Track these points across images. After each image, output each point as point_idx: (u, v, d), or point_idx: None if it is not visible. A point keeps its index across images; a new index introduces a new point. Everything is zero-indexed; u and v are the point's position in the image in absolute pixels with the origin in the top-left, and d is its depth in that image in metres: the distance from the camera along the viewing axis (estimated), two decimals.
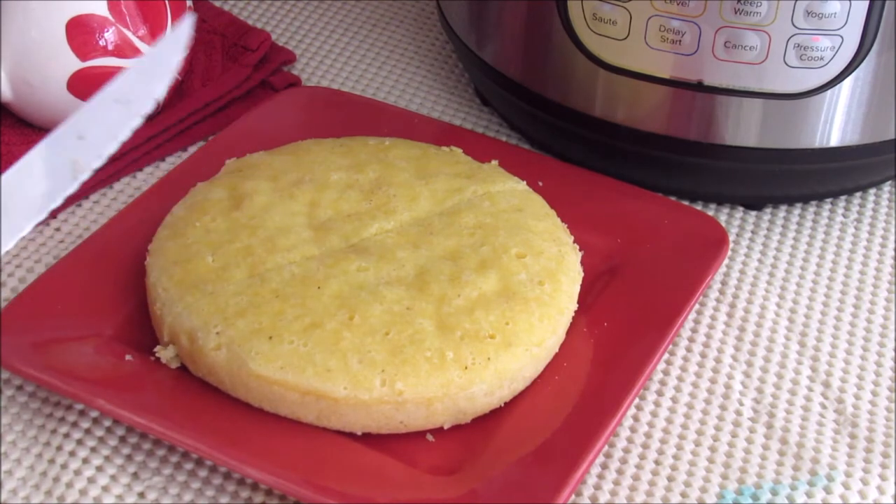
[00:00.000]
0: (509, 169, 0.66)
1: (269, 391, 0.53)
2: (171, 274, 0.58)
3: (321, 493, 0.50)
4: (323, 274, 0.57)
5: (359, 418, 0.53)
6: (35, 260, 0.65)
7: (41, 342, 0.56)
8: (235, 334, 0.54)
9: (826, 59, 0.61)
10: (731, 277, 0.66)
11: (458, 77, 0.81)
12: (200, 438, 0.52)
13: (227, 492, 0.54)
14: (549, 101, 0.68)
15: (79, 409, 0.57)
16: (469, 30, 0.72)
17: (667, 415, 0.58)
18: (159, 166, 0.72)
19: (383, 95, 0.79)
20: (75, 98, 0.68)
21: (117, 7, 0.68)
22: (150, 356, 0.57)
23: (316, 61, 0.82)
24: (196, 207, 0.62)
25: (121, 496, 0.53)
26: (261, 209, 0.61)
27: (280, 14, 0.86)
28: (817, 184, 0.70)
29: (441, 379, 0.53)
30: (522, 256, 0.59)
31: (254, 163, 0.65)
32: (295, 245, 0.59)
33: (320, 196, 0.62)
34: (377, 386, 0.53)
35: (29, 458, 0.55)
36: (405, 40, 0.85)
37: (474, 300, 0.56)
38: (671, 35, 0.61)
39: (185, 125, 0.74)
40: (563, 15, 0.64)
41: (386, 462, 0.53)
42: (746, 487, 0.55)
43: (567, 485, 0.51)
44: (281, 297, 0.56)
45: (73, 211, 0.69)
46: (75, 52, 0.67)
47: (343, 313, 0.55)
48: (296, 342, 0.54)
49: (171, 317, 0.56)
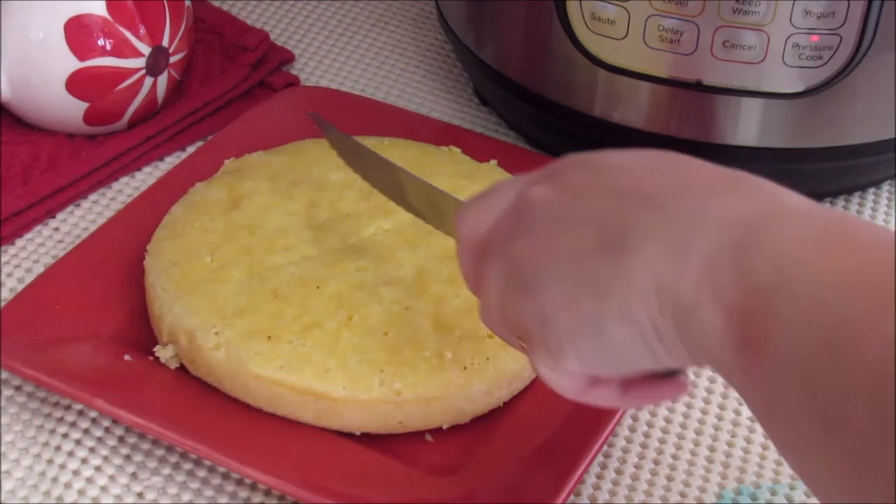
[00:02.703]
0: (508, 168, 0.66)
1: (267, 391, 0.53)
2: (170, 274, 0.57)
3: (320, 493, 0.50)
4: (322, 274, 0.57)
5: (357, 418, 0.53)
6: (34, 260, 0.65)
7: (40, 342, 0.56)
8: (234, 334, 0.54)
9: (825, 58, 0.61)
10: None
11: (456, 77, 0.81)
12: (199, 438, 0.52)
13: (226, 492, 0.54)
14: (547, 100, 0.68)
15: (77, 408, 0.57)
16: (468, 29, 0.72)
17: (665, 414, 0.58)
18: (158, 166, 0.72)
19: (382, 95, 0.79)
20: (74, 98, 0.68)
21: (116, 7, 0.68)
22: (148, 356, 0.57)
23: (315, 61, 0.82)
24: (195, 208, 0.61)
25: (119, 496, 0.53)
26: (259, 209, 0.61)
27: (279, 14, 0.86)
28: (817, 183, 0.70)
29: (440, 379, 0.53)
30: None
31: (252, 163, 0.65)
32: (294, 245, 0.59)
33: (319, 196, 0.62)
34: (376, 386, 0.53)
35: (27, 457, 0.55)
36: (404, 40, 0.85)
37: (473, 300, 0.56)
38: (670, 35, 0.61)
39: (184, 125, 0.74)
40: (561, 15, 0.64)
41: (385, 462, 0.53)
42: (745, 487, 0.55)
43: (566, 485, 0.51)
44: (280, 297, 0.56)
45: (72, 211, 0.69)
46: (74, 52, 0.67)
47: (342, 313, 0.55)
48: (294, 342, 0.54)
49: (171, 317, 0.56)
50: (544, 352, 0.41)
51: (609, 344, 0.39)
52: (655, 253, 0.37)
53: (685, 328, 0.37)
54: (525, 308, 0.42)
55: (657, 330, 0.38)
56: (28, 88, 0.68)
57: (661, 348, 0.38)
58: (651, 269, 0.37)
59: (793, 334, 0.33)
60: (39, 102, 0.69)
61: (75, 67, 0.68)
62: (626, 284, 0.38)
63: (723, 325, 0.35)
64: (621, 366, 0.40)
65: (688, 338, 0.37)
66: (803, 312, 0.33)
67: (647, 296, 0.37)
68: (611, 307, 0.38)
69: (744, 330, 0.35)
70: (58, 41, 0.67)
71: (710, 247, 0.36)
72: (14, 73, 0.68)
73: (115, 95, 0.69)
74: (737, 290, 0.35)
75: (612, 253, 0.38)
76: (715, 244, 0.36)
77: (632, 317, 0.38)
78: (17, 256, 0.65)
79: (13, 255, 0.65)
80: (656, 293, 0.37)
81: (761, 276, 0.35)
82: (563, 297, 0.40)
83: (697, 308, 0.36)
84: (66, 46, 0.67)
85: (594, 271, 0.39)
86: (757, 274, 0.35)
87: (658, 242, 0.37)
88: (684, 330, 0.37)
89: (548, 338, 0.41)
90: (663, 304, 0.37)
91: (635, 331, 0.38)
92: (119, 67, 0.68)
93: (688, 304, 0.36)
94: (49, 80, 0.68)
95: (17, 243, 0.66)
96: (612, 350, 0.39)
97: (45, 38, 0.67)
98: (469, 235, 0.45)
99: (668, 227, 0.37)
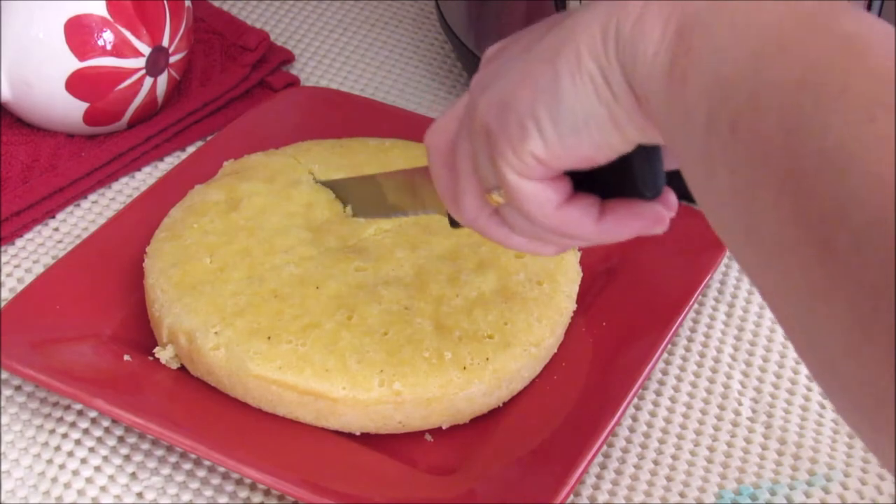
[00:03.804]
0: None
1: (267, 391, 0.53)
2: (170, 275, 0.57)
3: (319, 493, 0.50)
4: (321, 274, 0.57)
5: (357, 418, 0.53)
6: (33, 260, 0.65)
7: (40, 342, 0.56)
8: (234, 334, 0.54)
9: None
10: (729, 277, 0.66)
11: (456, 77, 0.81)
12: (199, 438, 0.52)
13: (226, 492, 0.54)
14: None
15: (77, 408, 0.57)
16: (468, 30, 0.72)
17: (665, 414, 0.58)
18: (157, 166, 0.72)
19: (382, 95, 0.79)
20: (74, 98, 0.68)
21: (116, 7, 0.68)
22: (148, 356, 0.57)
23: (315, 61, 0.82)
24: (194, 209, 0.61)
25: (119, 496, 0.53)
26: (258, 211, 0.61)
27: (279, 14, 0.86)
28: None
29: (439, 379, 0.53)
30: (521, 256, 0.59)
31: (251, 164, 0.65)
32: (292, 246, 0.59)
33: (318, 197, 0.62)
34: (375, 386, 0.53)
35: (27, 457, 0.55)
36: (404, 40, 0.85)
37: (473, 300, 0.56)
38: None
39: (184, 125, 0.74)
40: None
41: (384, 462, 0.53)
42: (745, 487, 0.55)
43: (565, 485, 0.51)
44: (279, 297, 0.56)
45: (72, 211, 0.69)
46: (74, 51, 0.67)
47: (341, 313, 0.55)
48: (294, 342, 0.54)
49: (170, 318, 0.56)
50: (508, 147, 0.41)
51: (566, 107, 0.39)
52: (600, 5, 0.38)
53: (624, 63, 0.37)
54: (486, 110, 0.42)
55: (606, 77, 0.38)
56: (28, 88, 0.68)
57: (612, 102, 0.38)
58: (596, 17, 0.38)
59: (716, 50, 0.34)
60: (39, 102, 0.69)
61: (75, 67, 0.68)
62: (573, 37, 0.39)
63: (655, 49, 0.36)
64: (581, 136, 0.40)
65: (626, 72, 0.37)
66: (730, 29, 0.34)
67: (593, 39, 0.38)
68: (562, 65, 0.39)
69: (674, 49, 0.36)
70: (58, 41, 0.67)
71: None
72: (14, 73, 0.68)
73: (115, 95, 0.69)
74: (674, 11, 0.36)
75: (559, 25, 0.40)
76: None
77: (583, 67, 0.38)
78: (17, 256, 0.65)
79: (13, 255, 0.65)
80: (601, 35, 0.38)
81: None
82: (520, 76, 0.40)
83: (635, 38, 0.37)
84: (66, 46, 0.67)
85: (545, 45, 0.40)
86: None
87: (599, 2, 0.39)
88: (627, 66, 0.37)
89: (508, 122, 0.41)
90: (608, 42, 0.38)
91: (587, 84, 0.38)
92: (119, 67, 0.68)
93: (628, 37, 0.37)
94: (49, 80, 0.68)
95: (17, 243, 0.66)
96: (570, 115, 0.39)
97: (45, 38, 0.67)
98: (438, 143, 0.46)
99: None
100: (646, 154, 0.42)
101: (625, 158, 0.41)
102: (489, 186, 0.43)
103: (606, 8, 0.38)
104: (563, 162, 0.41)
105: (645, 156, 0.42)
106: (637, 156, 0.41)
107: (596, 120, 0.39)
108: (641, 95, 0.38)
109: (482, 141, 0.42)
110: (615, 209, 0.43)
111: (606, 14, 0.38)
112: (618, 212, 0.43)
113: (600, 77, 0.38)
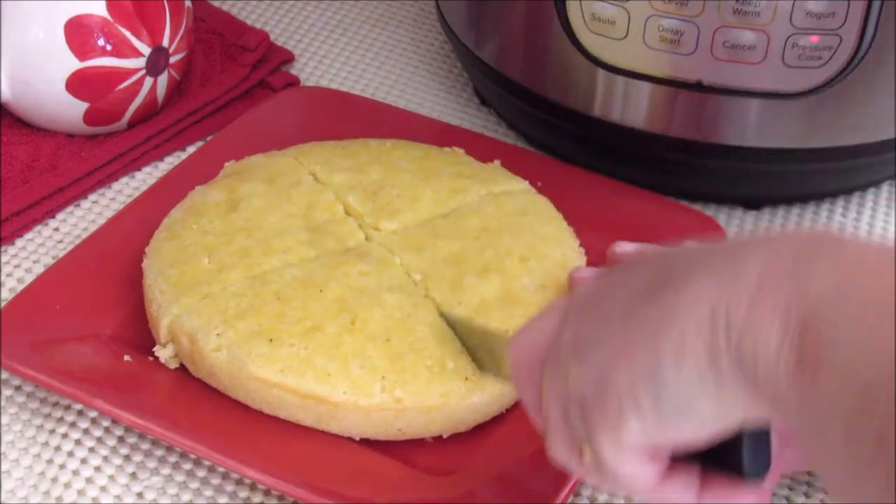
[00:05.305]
0: (508, 169, 0.66)
1: (268, 393, 0.53)
2: (168, 276, 0.57)
3: (319, 494, 0.50)
4: (324, 277, 0.57)
5: (357, 423, 0.53)
6: (34, 260, 0.65)
7: (39, 342, 0.56)
8: (236, 336, 0.54)
9: (824, 58, 0.61)
10: None
11: (456, 77, 0.81)
12: (199, 439, 0.52)
13: (226, 492, 0.54)
14: (547, 100, 0.68)
15: (77, 408, 0.57)
16: (468, 30, 0.72)
17: None
18: (158, 166, 0.72)
19: (382, 95, 0.79)
20: (74, 98, 0.68)
21: (116, 7, 0.68)
22: (148, 356, 0.57)
23: (315, 61, 0.82)
24: (193, 210, 0.61)
25: (119, 496, 0.53)
26: (257, 211, 0.61)
27: (279, 14, 0.86)
28: (816, 183, 0.70)
29: (441, 388, 0.53)
30: (526, 260, 0.59)
31: (252, 165, 0.65)
32: (291, 247, 0.59)
33: (318, 198, 0.62)
34: (377, 392, 0.53)
35: (27, 457, 0.55)
36: (404, 40, 0.84)
37: (475, 307, 0.56)
38: (670, 35, 0.61)
39: (184, 125, 0.74)
40: (561, 15, 0.64)
41: (384, 462, 0.53)
42: None
43: (566, 485, 0.51)
44: (282, 299, 0.56)
45: (72, 211, 0.69)
46: (74, 52, 0.67)
47: (344, 317, 0.55)
48: (296, 345, 0.54)
49: (169, 318, 0.56)
50: (605, 424, 0.39)
51: (667, 390, 0.37)
52: (707, 279, 0.36)
53: (741, 352, 0.35)
54: (582, 381, 0.40)
55: (714, 363, 0.36)
56: (28, 88, 0.68)
57: (719, 388, 0.36)
58: (703, 294, 0.36)
59: (851, 349, 0.32)
60: (39, 102, 0.69)
61: (75, 67, 0.68)
62: (679, 315, 0.36)
63: (777, 342, 0.34)
64: (682, 420, 0.38)
65: (743, 363, 0.35)
66: (863, 326, 0.32)
67: (700, 322, 0.36)
68: (665, 345, 0.37)
69: (800, 346, 0.33)
70: (58, 41, 0.67)
71: (764, 261, 0.35)
72: (14, 73, 0.68)
73: (115, 95, 0.69)
74: (793, 300, 0.34)
75: (660, 293, 0.37)
76: (768, 258, 0.35)
77: (688, 349, 0.36)
78: (17, 256, 0.65)
79: (13, 255, 0.65)
80: (710, 318, 0.36)
81: (820, 286, 0.33)
82: (617, 349, 0.38)
83: (752, 327, 0.34)
84: (66, 46, 0.67)
85: (644, 316, 0.38)
86: (816, 284, 0.33)
87: (707, 271, 0.36)
88: (746, 358, 0.35)
89: (606, 400, 0.39)
90: (716, 326, 0.35)
91: (692, 368, 0.36)
92: (119, 67, 0.68)
93: (742, 325, 0.35)
94: (49, 80, 0.68)
95: (17, 243, 0.66)
96: (670, 397, 0.37)
97: (45, 38, 0.67)
98: (521, 361, 0.44)
99: (716, 260, 0.36)
100: (754, 438, 0.41)
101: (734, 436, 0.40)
102: (580, 439, 0.41)
103: (716, 286, 0.36)
104: (662, 444, 0.39)
105: (753, 440, 0.41)
106: (746, 438, 0.40)
107: (700, 404, 0.37)
108: (764, 393, 0.35)
109: (576, 405, 0.40)
110: (716, 488, 0.41)
111: (716, 293, 0.36)
112: (718, 492, 0.41)
113: (707, 362, 0.36)
